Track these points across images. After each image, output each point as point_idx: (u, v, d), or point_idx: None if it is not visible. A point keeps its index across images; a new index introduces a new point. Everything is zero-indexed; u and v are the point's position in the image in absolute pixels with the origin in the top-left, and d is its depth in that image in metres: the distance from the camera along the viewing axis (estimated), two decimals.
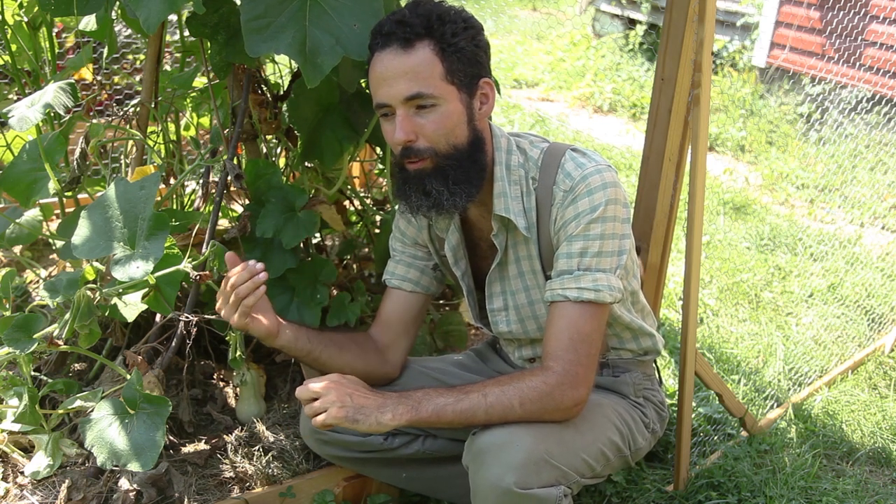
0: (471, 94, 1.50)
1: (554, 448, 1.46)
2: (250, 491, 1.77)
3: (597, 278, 1.49)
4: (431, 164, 1.49)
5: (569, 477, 1.49)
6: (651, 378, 1.79)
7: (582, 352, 1.48)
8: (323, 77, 1.55)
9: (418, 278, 1.75)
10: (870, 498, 2.08)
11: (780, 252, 3.64)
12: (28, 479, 1.71)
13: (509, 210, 1.56)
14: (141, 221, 1.58)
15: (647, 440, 1.75)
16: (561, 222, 1.53)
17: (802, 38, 5.34)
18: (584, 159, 1.54)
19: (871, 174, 4.35)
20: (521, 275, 1.63)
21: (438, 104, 1.46)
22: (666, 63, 1.79)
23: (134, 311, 1.69)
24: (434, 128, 1.46)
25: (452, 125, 1.48)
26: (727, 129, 5.19)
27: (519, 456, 1.42)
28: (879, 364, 2.76)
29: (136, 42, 3.38)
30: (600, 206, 1.49)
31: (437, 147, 1.48)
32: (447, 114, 1.47)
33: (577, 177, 1.51)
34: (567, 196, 1.51)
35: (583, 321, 1.49)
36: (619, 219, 1.52)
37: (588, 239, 1.50)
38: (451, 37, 1.45)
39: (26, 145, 2.00)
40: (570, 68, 6.55)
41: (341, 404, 1.42)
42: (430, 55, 1.44)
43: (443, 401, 1.45)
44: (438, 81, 1.45)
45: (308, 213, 1.90)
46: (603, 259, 1.50)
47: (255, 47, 1.54)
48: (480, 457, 1.46)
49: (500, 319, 1.71)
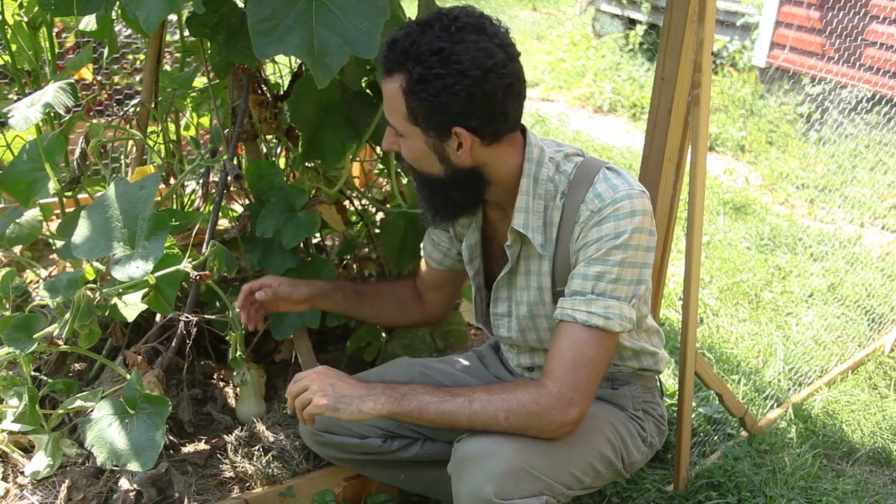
0: (441, 138, 1.45)
1: (537, 460, 1.44)
2: (250, 491, 1.77)
3: (609, 305, 1.45)
4: (413, 174, 1.55)
5: (553, 489, 1.47)
6: (652, 391, 1.75)
7: (581, 376, 1.44)
8: (332, 77, 1.55)
9: (441, 259, 1.81)
10: (870, 498, 2.08)
11: (780, 252, 3.64)
12: (28, 479, 1.71)
13: (527, 227, 1.53)
14: (141, 221, 1.58)
15: (644, 454, 1.72)
16: (582, 242, 1.49)
17: (802, 38, 5.34)
18: (617, 180, 1.49)
19: (871, 174, 4.34)
20: (528, 288, 1.61)
21: (404, 136, 1.48)
22: (666, 63, 1.79)
23: (134, 311, 1.69)
24: (405, 155, 1.51)
25: (419, 158, 1.50)
26: (727, 129, 5.19)
27: (499, 466, 1.41)
28: (879, 364, 2.76)
29: (136, 42, 3.38)
30: (625, 233, 1.45)
31: (413, 167, 1.53)
32: (412, 147, 1.48)
33: (608, 199, 1.46)
34: (593, 217, 1.47)
35: (588, 345, 1.45)
36: (643, 248, 1.47)
37: (607, 264, 1.46)
38: (417, 82, 1.38)
39: (26, 145, 2.00)
40: (570, 68, 6.55)
41: (323, 394, 1.44)
42: (397, 91, 1.41)
43: (428, 399, 1.44)
44: (400, 119, 1.45)
45: (308, 213, 1.90)
46: (619, 287, 1.46)
47: (263, 49, 1.53)
48: (461, 465, 1.46)
49: (502, 324, 1.70)
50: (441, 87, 1.37)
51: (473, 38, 1.37)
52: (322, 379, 1.48)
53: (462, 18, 1.39)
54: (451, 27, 1.37)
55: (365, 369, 1.93)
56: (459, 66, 1.36)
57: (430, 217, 1.57)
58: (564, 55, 6.87)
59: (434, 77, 1.36)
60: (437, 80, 1.36)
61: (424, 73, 1.36)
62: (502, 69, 1.38)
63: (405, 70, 1.39)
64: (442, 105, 1.39)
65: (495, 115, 1.42)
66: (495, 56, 1.37)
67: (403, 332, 2.16)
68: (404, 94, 1.40)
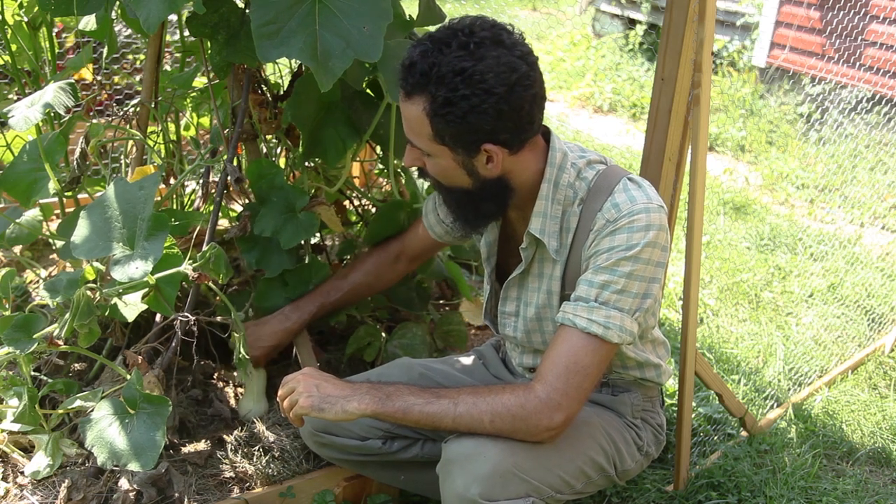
0: (470, 154, 1.43)
1: (524, 462, 1.44)
2: (250, 491, 1.77)
3: (610, 315, 1.44)
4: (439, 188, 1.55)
5: (541, 491, 1.47)
6: (652, 400, 1.74)
7: (573, 382, 1.43)
8: (335, 80, 1.54)
9: (442, 235, 1.87)
10: (870, 498, 2.08)
11: (780, 252, 3.64)
12: (28, 479, 1.71)
13: (544, 232, 1.53)
14: (140, 222, 1.58)
15: (639, 462, 1.71)
16: (594, 249, 1.48)
17: (802, 38, 5.34)
18: (637, 192, 1.48)
19: (871, 174, 4.35)
20: (538, 290, 1.61)
21: (431, 155, 1.46)
22: (666, 63, 1.79)
23: (134, 311, 1.69)
24: (432, 171, 1.50)
25: (447, 175, 1.49)
26: (727, 129, 5.19)
27: (485, 468, 1.41)
28: (879, 364, 2.76)
29: (136, 42, 3.38)
30: (637, 245, 1.44)
31: (439, 182, 1.52)
32: (440, 165, 1.47)
33: (625, 210, 1.45)
34: (608, 226, 1.46)
35: (583, 353, 1.44)
36: (653, 262, 1.46)
37: (615, 275, 1.44)
38: (443, 104, 1.35)
39: (26, 145, 2.00)
40: (570, 68, 6.55)
41: (308, 394, 1.47)
42: (420, 114, 1.39)
43: (413, 400, 1.45)
44: (426, 140, 1.43)
45: (308, 214, 1.90)
46: (624, 298, 1.45)
47: (267, 53, 1.53)
48: (448, 467, 1.46)
49: (509, 323, 1.70)
50: (468, 108, 1.35)
51: (494, 53, 1.34)
52: (307, 380, 1.50)
53: (478, 33, 1.36)
54: (469, 44, 1.34)
55: (365, 369, 1.93)
56: (484, 84, 1.33)
57: (461, 226, 1.58)
58: (564, 55, 6.87)
59: (460, 98, 1.34)
60: (464, 101, 1.34)
61: (450, 96, 1.34)
62: (526, 81, 1.37)
63: (427, 93, 1.36)
64: (470, 125, 1.37)
65: (523, 125, 1.42)
66: (519, 69, 1.36)
67: (403, 332, 2.16)
68: (429, 117, 1.38)
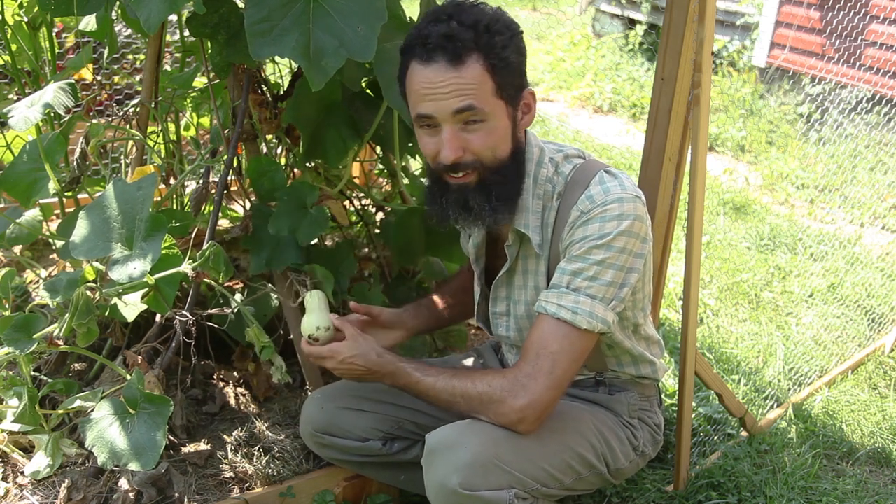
0: (515, 106, 1.47)
1: (506, 454, 1.45)
2: (250, 491, 1.77)
3: (579, 301, 1.45)
4: (476, 178, 1.48)
5: (524, 483, 1.47)
6: (650, 400, 1.74)
7: (541, 367, 1.44)
8: (327, 80, 1.54)
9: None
10: (870, 498, 2.08)
11: (780, 252, 3.64)
12: (28, 479, 1.71)
13: (528, 226, 1.54)
14: (139, 222, 1.58)
15: (633, 462, 1.70)
16: (568, 241, 1.50)
17: (802, 38, 5.34)
18: (611, 183, 1.49)
19: (871, 174, 4.35)
20: (526, 288, 1.62)
21: (487, 119, 1.43)
22: (666, 63, 1.79)
23: (134, 311, 1.69)
24: (481, 143, 1.44)
25: (499, 139, 1.46)
26: (727, 129, 5.19)
27: (465, 457, 1.42)
28: (879, 364, 2.76)
29: (136, 42, 3.38)
30: (609, 234, 1.45)
31: (483, 160, 1.46)
32: (494, 129, 1.44)
33: (599, 201, 1.47)
34: (581, 217, 1.48)
35: (552, 338, 1.46)
36: (628, 251, 1.47)
37: (586, 262, 1.46)
38: (502, 49, 1.40)
39: (26, 145, 2.00)
40: (570, 68, 6.55)
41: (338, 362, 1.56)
42: (481, 71, 1.39)
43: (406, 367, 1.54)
44: (489, 97, 1.42)
45: (319, 209, 1.90)
46: (595, 286, 1.46)
47: (259, 50, 1.53)
48: (430, 457, 1.47)
49: (501, 323, 1.70)
50: (514, 48, 1.43)
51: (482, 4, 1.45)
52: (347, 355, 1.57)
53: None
54: (466, 3, 1.43)
55: None
56: (513, 25, 1.45)
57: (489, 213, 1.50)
58: (564, 55, 6.87)
59: (509, 40, 1.42)
60: (512, 42, 1.42)
61: (504, 41, 1.41)
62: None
63: (481, 47, 1.39)
64: (521, 65, 1.46)
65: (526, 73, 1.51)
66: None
67: None
68: (491, 70, 1.40)
